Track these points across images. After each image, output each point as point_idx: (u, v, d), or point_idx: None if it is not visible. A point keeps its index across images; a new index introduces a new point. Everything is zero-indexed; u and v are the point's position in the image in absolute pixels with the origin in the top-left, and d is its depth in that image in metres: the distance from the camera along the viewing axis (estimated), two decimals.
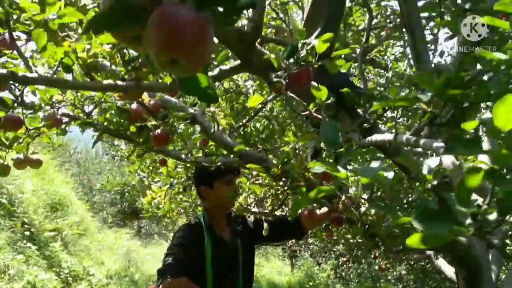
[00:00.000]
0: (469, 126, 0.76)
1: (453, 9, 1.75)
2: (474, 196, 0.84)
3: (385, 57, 4.06)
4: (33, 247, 6.24)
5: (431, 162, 0.96)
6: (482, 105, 1.75)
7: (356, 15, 3.35)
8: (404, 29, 3.05)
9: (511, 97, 0.63)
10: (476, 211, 0.74)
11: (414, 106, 1.55)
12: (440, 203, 0.84)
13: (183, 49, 0.55)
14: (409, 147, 1.74)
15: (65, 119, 2.22)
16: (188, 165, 3.41)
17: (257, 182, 3.40)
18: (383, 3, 4.07)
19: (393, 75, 3.78)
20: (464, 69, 1.56)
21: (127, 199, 13.50)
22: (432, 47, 4.00)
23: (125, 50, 1.38)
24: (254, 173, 2.67)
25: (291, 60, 1.56)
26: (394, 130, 1.57)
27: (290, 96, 1.52)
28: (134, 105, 2.04)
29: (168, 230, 12.93)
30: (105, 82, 1.28)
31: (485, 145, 0.93)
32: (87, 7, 1.47)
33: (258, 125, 3.91)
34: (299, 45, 1.52)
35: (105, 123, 2.14)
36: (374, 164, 0.99)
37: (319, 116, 1.49)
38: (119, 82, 1.29)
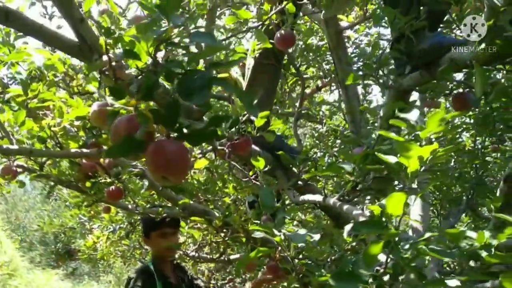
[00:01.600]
0: (373, 208, 1.01)
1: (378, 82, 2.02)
2: (380, 256, 1.08)
3: (320, 112, 4.40)
4: None
5: (349, 228, 1.18)
6: None
7: (290, 82, 3.67)
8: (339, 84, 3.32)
9: (397, 194, 0.88)
10: (375, 274, 0.97)
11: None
12: (351, 263, 1.08)
13: (170, 172, 0.80)
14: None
15: (20, 170, 2.32)
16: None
17: (195, 226, 3.55)
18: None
19: (327, 129, 4.11)
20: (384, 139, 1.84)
21: (62, 240, 13.07)
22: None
23: (87, 120, 1.57)
24: None
25: (233, 130, 1.79)
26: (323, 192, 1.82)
27: (232, 163, 1.74)
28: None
29: (100, 271, 12.59)
30: (73, 150, 1.46)
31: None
32: (55, 79, 1.66)
33: (197, 172, 4.08)
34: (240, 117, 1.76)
35: (57, 175, 2.26)
36: (302, 231, 1.22)
37: (257, 183, 1.72)
38: (84, 150, 1.47)
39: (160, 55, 0.96)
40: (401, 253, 0.94)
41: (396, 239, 0.96)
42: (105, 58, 1.17)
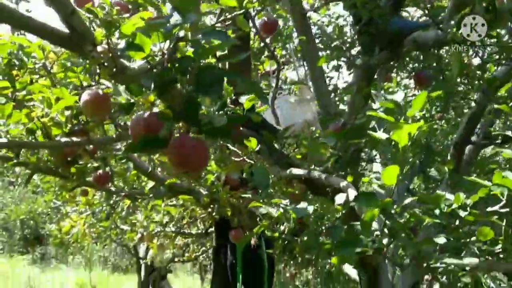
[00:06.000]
0: (365, 180, 1.14)
1: None
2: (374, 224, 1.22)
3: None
4: None
5: (339, 198, 1.31)
6: None
7: (266, 64, 3.79)
8: None
9: (392, 167, 1.01)
10: (373, 238, 1.11)
11: None
12: (348, 230, 1.22)
13: (191, 167, 0.90)
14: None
15: None
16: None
17: (171, 204, 3.65)
18: None
19: None
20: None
21: (30, 226, 12.91)
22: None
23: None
24: None
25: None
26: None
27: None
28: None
29: (68, 253, 12.54)
30: (63, 139, 1.53)
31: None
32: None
33: None
34: None
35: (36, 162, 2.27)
36: (303, 204, 1.35)
37: (250, 161, 1.84)
38: (74, 138, 1.54)
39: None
40: (395, 218, 1.08)
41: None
42: (100, 48, 1.18)
